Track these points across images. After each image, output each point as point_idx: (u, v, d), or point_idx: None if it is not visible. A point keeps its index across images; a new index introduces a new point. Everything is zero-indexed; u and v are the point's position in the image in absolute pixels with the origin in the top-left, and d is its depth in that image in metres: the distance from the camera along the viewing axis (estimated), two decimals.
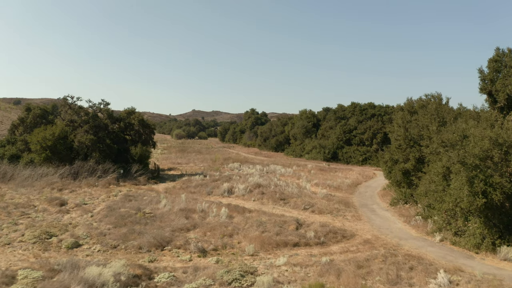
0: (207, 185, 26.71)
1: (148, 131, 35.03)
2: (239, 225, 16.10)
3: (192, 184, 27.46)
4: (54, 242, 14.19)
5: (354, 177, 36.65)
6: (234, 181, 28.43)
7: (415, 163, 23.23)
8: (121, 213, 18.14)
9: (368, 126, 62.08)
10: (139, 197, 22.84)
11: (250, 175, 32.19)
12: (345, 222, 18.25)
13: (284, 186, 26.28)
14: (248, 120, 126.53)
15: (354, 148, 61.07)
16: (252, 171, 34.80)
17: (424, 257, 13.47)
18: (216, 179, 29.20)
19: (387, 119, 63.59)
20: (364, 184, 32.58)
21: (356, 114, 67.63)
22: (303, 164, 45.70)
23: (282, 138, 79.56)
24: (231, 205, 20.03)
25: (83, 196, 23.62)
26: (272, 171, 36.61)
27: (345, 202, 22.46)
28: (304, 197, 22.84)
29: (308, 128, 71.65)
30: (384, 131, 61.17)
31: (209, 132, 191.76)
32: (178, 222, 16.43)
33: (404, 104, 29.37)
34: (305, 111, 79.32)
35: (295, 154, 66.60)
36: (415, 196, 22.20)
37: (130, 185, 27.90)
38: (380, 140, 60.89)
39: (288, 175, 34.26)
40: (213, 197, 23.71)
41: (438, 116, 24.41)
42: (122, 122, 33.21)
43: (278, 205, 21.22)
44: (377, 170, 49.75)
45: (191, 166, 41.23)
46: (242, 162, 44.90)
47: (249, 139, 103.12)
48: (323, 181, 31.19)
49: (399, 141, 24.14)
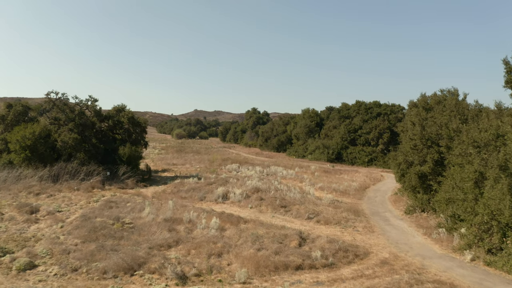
0: (200, 189, 24.16)
1: (139, 130, 32.54)
2: (231, 240, 13.53)
3: (184, 188, 24.91)
4: (5, 262, 11.68)
5: (361, 179, 34.02)
6: (230, 184, 25.87)
7: (433, 165, 20.59)
8: (95, 224, 15.60)
9: (374, 126, 59.40)
10: (122, 203, 20.31)
11: (248, 177, 29.62)
12: (356, 235, 15.64)
13: (285, 190, 23.69)
14: (249, 119, 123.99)
15: (359, 149, 58.41)
16: (251, 173, 32.23)
17: (458, 284, 10.88)
18: (211, 182, 26.64)
19: (393, 118, 60.89)
20: (373, 188, 29.94)
21: (361, 113, 64.94)
22: (306, 165, 43.09)
23: (284, 138, 76.95)
24: (224, 213, 17.46)
25: (60, 201, 21.12)
26: (273, 173, 34.04)
27: (354, 209, 19.84)
28: (308, 203, 20.24)
29: (311, 127, 69.01)
30: (390, 130, 58.49)
31: (211, 132, 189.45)
32: (159, 236, 13.88)
33: (417, 100, 26.72)
34: (307, 110, 76.67)
35: (298, 154, 63.98)
36: (434, 203, 19.58)
37: (116, 188, 25.39)
38: (387, 140, 58.21)
39: (290, 178, 31.67)
40: (205, 203, 21.16)
41: (459, 113, 21.78)
42: (110, 120, 30.71)
43: (278, 213, 18.63)
44: (384, 171, 47.10)
45: (187, 167, 38.71)
46: (242, 163, 42.34)
47: (250, 139, 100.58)
48: (328, 184, 28.57)
49: (414, 140, 21.48)
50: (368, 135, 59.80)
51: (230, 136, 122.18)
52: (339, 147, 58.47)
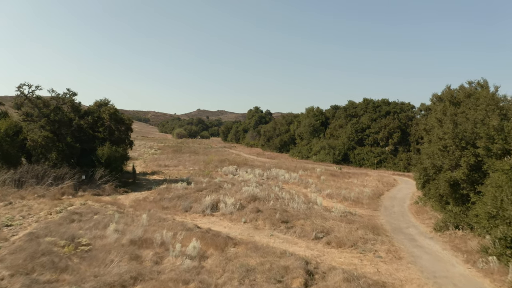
0: (187, 197, 20.53)
1: (123, 128, 28.97)
2: (211, 276, 9.86)
3: (169, 195, 21.30)
4: None
5: (373, 184, 30.28)
6: (224, 191, 22.24)
7: (468, 171, 16.84)
8: (40, 247, 11.99)
9: (383, 125, 55.56)
10: (88, 215, 16.71)
11: (246, 182, 25.98)
12: (379, 264, 11.93)
13: (287, 199, 20.01)
14: (251, 118, 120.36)
15: (368, 149, 54.60)
16: (249, 176, 28.54)
17: None
18: (202, 188, 23.01)
19: (404, 116, 56.99)
20: (388, 195, 26.19)
21: (369, 111, 61.12)
22: (311, 168, 39.38)
23: (287, 138, 73.22)
24: (210, 232, 13.80)
25: (17, 211, 17.55)
26: (274, 176, 30.34)
27: (371, 225, 16.11)
28: (315, 217, 16.54)
29: (315, 126, 65.23)
30: (401, 130, 54.60)
31: (212, 132, 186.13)
32: (115, 267, 10.26)
33: (442, 93, 22.94)
34: (312, 108, 72.93)
35: (301, 155, 60.22)
36: (471, 219, 15.84)
37: (90, 195, 21.82)
38: (397, 141, 54.35)
39: (293, 183, 27.97)
40: (190, 215, 17.53)
41: (498, 107, 18.00)
42: (90, 117, 27.14)
43: (278, 230, 14.95)
44: (395, 174, 43.29)
45: (179, 169, 35.11)
46: (240, 164, 38.69)
47: (252, 138, 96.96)
48: (336, 190, 24.87)
49: (444, 140, 17.70)
50: (377, 135, 55.98)
51: (232, 135, 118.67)
52: (346, 147, 54.70)
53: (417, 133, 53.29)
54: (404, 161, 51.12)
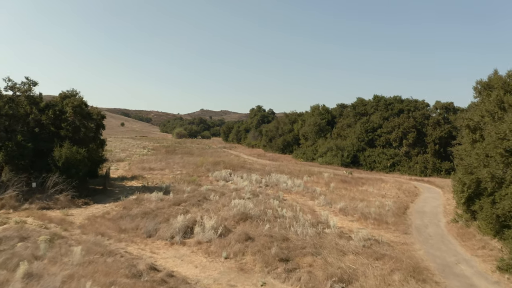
0: (157, 213, 15.67)
1: (93, 125, 24.15)
2: None
3: (136, 209, 16.46)
4: None
5: (392, 193, 25.32)
6: (208, 204, 17.40)
7: None
8: None
9: (397, 124, 50.43)
10: (11, 241, 11.94)
11: (238, 191, 21.14)
12: None
13: (289, 218, 15.06)
14: (253, 118, 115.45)
15: (379, 151, 49.49)
16: (244, 183, 23.61)
17: None
18: (181, 201, 18.15)
19: (419, 115, 51.80)
20: (414, 208, 21.21)
21: (380, 109, 56.01)
22: (317, 172, 34.44)
23: (291, 138, 68.24)
24: (168, 282, 8.89)
25: None
26: (274, 183, 25.43)
27: (410, 264, 11.12)
28: (329, 251, 11.58)
29: (321, 126, 60.20)
30: (416, 129, 49.46)
31: (214, 132, 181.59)
32: None
33: (490, 79, 17.86)
34: (317, 106, 67.89)
35: (306, 157, 55.21)
36: None
37: (37, 209, 17.05)
38: (412, 141, 49.19)
39: (297, 192, 23.02)
40: (153, 243, 12.64)
41: None
42: (51, 111, 22.33)
43: (274, 274, 10.03)
44: (413, 180, 38.22)
45: (165, 173, 30.30)
46: (237, 168, 33.81)
47: (254, 138, 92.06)
48: (351, 203, 19.92)
49: (508, 141, 12.69)
50: (389, 135, 50.86)
51: (233, 135, 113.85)
52: (355, 148, 49.62)
53: (435, 133, 48.21)
54: (420, 164, 45.99)
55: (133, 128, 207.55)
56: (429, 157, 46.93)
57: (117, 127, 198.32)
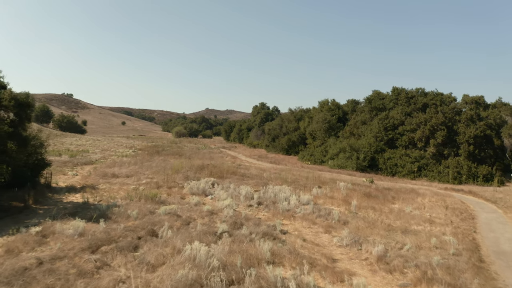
0: (39, 276, 8.22)
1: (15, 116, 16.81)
2: None
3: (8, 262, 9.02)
4: None
5: (440, 215, 17.72)
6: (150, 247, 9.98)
7: None
8: None
9: (422, 120, 42.58)
10: None
11: (212, 217, 13.74)
12: None
13: None
14: (257, 116, 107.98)
15: (401, 152, 41.66)
16: (225, 202, 15.99)
17: None
18: (106, 241, 10.72)
19: (449, 110, 43.90)
20: (487, 245, 13.56)
21: (401, 103, 48.15)
22: (330, 179, 26.86)
23: (296, 137, 60.61)
24: None
25: None
26: (271, 201, 17.87)
27: None
28: None
29: (331, 123, 52.47)
30: (447, 127, 41.62)
31: (217, 131, 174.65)
32: None
33: None
34: (326, 101, 60.18)
35: (314, 159, 47.51)
36: None
37: None
38: (441, 141, 41.33)
39: (303, 216, 15.38)
40: None
41: None
42: None
43: None
44: (448, 189, 30.48)
45: (129, 182, 22.95)
46: (226, 175, 26.34)
47: (256, 138, 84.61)
48: (390, 238, 12.37)
49: None
50: (413, 134, 43.02)
51: (235, 135, 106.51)
52: (373, 149, 41.85)
53: (469, 131, 40.30)
54: (452, 168, 38.12)
55: (135, 127, 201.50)
56: (462, 160, 39.04)
57: (117, 126, 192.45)
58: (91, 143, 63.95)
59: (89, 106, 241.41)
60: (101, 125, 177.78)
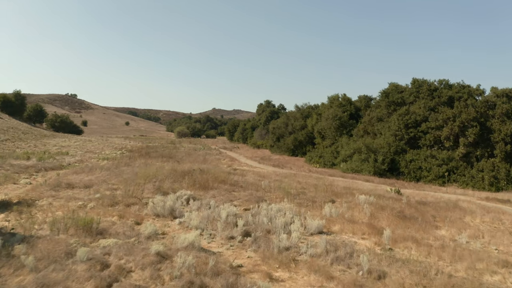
0: None
1: None
2: None
3: None
4: None
5: (510, 249, 11.92)
6: None
7: None
8: None
9: (450, 116, 36.56)
10: None
11: (163, 265, 8.16)
12: None
13: None
14: (261, 114, 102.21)
15: (426, 153, 35.67)
16: (189, 237, 10.39)
17: None
18: None
19: (480, 104, 37.84)
20: None
21: (423, 97, 42.07)
22: (345, 189, 21.15)
23: (303, 137, 54.84)
24: None
25: None
26: (265, 229, 12.22)
27: None
28: None
29: (343, 120, 46.64)
30: (479, 123, 35.59)
31: (222, 130, 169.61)
32: None
33: None
34: (336, 96, 54.33)
35: (324, 161, 41.71)
36: None
37: None
38: (473, 140, 35.27)
39: (310, 260, 9.76)
40: None
41: None
42: None
43: None
44: (490, 199, 24.58)
45: (81, 195, 17.52)
46: (212, 184, 20.80)
47: (261, 138, 79.05)
48: None
49: None
50: (440, 131, 37.02)
51: (238, 134, 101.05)
52: (392, 150, 35.95)
53: (505, 128, 34.22)
54: (488, 172, 32.07)
55: (139, 127, 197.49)
56: (498, 163, 32.97)
57: (120, 126, 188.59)
58: (79, 144, 58.92)
59: (93, 107, 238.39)
60: (104, 126, 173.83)
